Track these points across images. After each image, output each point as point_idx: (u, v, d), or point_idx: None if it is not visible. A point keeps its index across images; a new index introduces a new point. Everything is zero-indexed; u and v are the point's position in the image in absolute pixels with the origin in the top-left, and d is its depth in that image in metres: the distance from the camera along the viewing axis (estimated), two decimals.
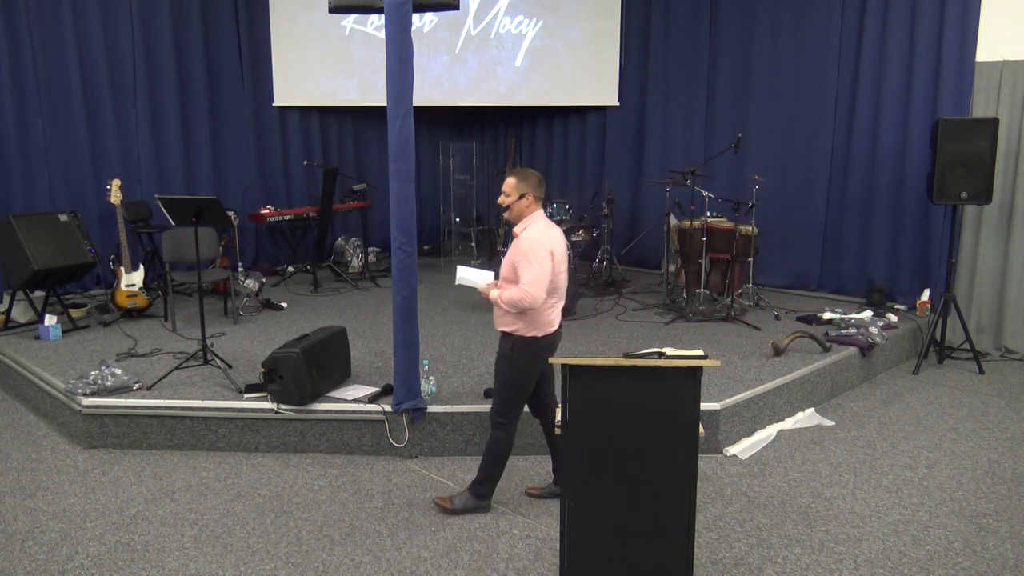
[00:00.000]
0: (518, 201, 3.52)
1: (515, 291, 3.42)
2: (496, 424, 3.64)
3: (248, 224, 8.34)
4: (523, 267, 3.41)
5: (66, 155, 7.25)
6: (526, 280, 3.39)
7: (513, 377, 3.58)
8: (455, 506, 3.73)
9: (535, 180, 3.55)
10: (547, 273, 3.41)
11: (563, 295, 3.66)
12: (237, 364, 5.15)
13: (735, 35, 7.72)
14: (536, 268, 3.38)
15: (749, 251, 6.68)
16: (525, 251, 3.41)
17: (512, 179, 3.54)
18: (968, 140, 5.69)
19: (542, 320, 3.52)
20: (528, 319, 3.49)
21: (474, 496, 3.73)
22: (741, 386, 4.75)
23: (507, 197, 3.54)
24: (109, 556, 3.38)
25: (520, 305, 3.41)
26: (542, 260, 3.40)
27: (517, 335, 3.52)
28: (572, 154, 9.39)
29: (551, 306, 3.56)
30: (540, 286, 3.39)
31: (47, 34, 7.05)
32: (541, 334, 3.53)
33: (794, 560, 3.35)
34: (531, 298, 3.38)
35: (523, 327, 3.51)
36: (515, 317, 3.51)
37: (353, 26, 8.67)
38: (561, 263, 3.55)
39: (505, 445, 3.66)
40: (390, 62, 4.00)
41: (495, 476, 3.73)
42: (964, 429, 4.83)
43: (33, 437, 4.70)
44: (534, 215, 3.55)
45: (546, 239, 3.46)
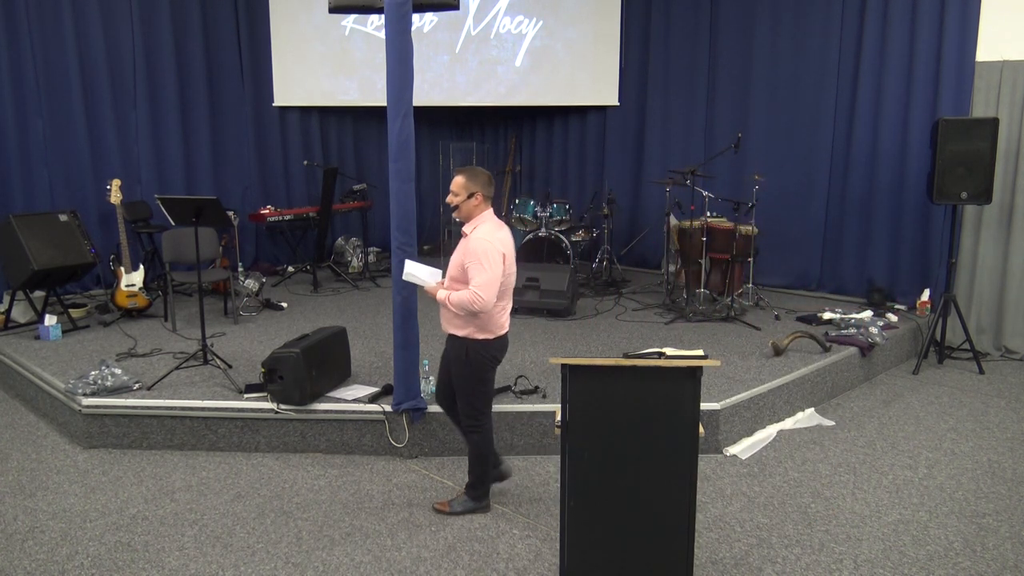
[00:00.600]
0: (467, 200, 3.48)
1: (465, 293, 3.37)
2: (470, 428, 3.62)
3: (248, 224, 8.34)
4: (474, 269, 3.36)
5: (66, 155, 7.25)
6: (477, 283, 3.34)
7: (475, 378, 3.55)
8: (454, 510, 3.73)
9: (484, 179, 3.51)
10: (499, 276, 3.38)
11: (511, 296, 3.65)
12: (237, 364, 5.15)
13: (735, 35, 7.73)
14: (488, 271, 3.34)
15: (749, 251, 6.68)
16: (477, 253, 3.36)
17: (461, 178, 3.49)
18: (968, 140, 5.69)
19: (493, 323, 3.50)
20: (480, 322, 3.46)
21: (471, 499, 3.74)
22: (741, 386, 4.75)
23: (456, 196, 3.49)
24: (109, 556, 3.38)
25: (470, 308, 3.37)
26: (494, 262, 3.36)
27: (470, 339, 3.49)
28: (572, 154, 9.39)
29: (501, 308, 3.53)
30: (492, 289, 3.35)
31: (47, 34, 7.05)
32: (493, 337, 3.52)
33: (794, 560, 3.35)
34: (482, 302, 3.34)
35: (475, 330, 3.47)
36: (466, 320, 3.47)
37: (353, 26, 8.67)
38: (511, 264, 3.53)
39: (486, 445, 3.65)
40: (390, 62, 4.00)
41: (486, 475, 3.72)
42: (964, 429, 4.83)
43: (33, 437, 4.70)
44: (483, 215, 3.51)
45: (498, 240, 3.42)
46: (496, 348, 3.56)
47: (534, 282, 6.55)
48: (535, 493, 3.97)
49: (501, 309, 3.54)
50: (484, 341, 3.50)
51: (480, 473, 3.70)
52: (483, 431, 3.63)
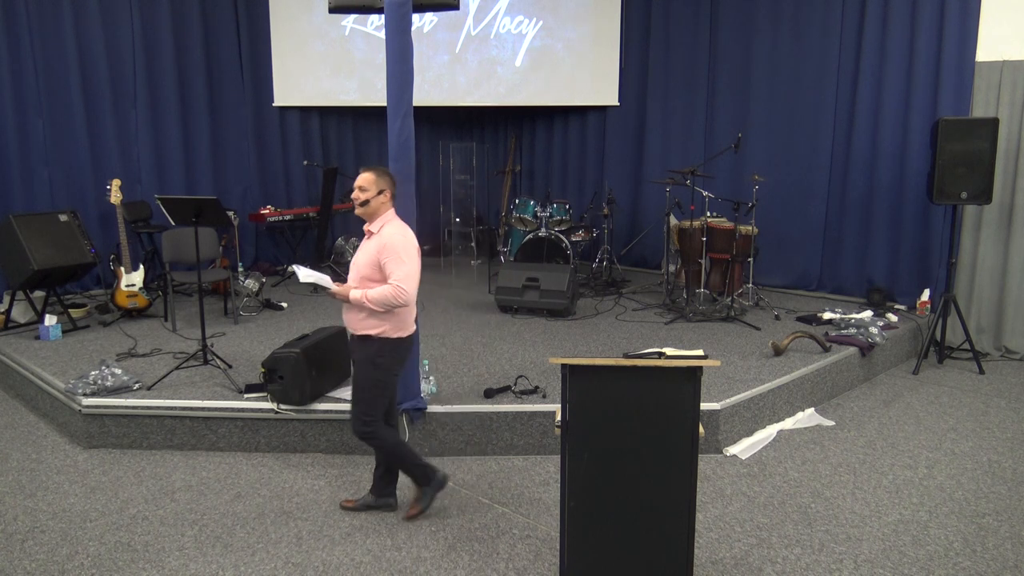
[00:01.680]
0: (376, 197, 3.47)
1: (387, 288, 3.35)
2: (367, 436, 3.55)
3: (248, 224, 8.34)
4: (393, 263, 3.35)
5: (66, 155, 7.25)
6: (399, 276, 3.34)
7: (380, 381, 3.51)
8: (424, 506, 3.68)
9: (391, 178, 3.53)
10: (417, 269, 3.41)
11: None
12: (237, 364, 5.15)
13: (735, 35, 7.72)
14: (408, 264, 3.36)
15: (749, 251, 6.68)
16: (396, 248, 3.37)
17: (371, 174, 3.48)
18: (968, 140, 5.69)
19: (406, 320, 3.50)
20: (397, 320, 3.45)
21: (426, 486, 3.67)
22: (741, 386, 4.76)
23: (364, 192, 3.46)
24: (109, 556, 3.38)
25: (392, 302, 3.35)
26: (412, 255, 3.39)
27: (383, 337, 3.45)
28: (572, 154, 9.39)
29: (412, 307, 3.53)
30: (413, 282, 3.38)
31: (47, 34, 7.05)
32: (406, 335, 3.51)
33: (794, 560, 3.35)
34: (405, 295, 3.35)
35: (390, 328, 3.45)
36: (381, 319, 3.43)
37: (353, 26, 8.67)
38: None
39: (394, 442, 3.61)
40: (390, 62, 4.00)
41: (417, 462, 3.66)
42: (964, 429, 4.83)
43: (33, 437, 4.70)
44: (389, 213, 3.52)
45: (411, 234, 3.45)
46: (405, 348, 3.56)
47: (534, 282, 6.55)
48: (535, 493, 3.97)
49: (411, 307, 3.53)
50: (398, 340, 3.48)
51: (409, 466, 3.64)
52: (380, 434, 3.56)
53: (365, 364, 3.51)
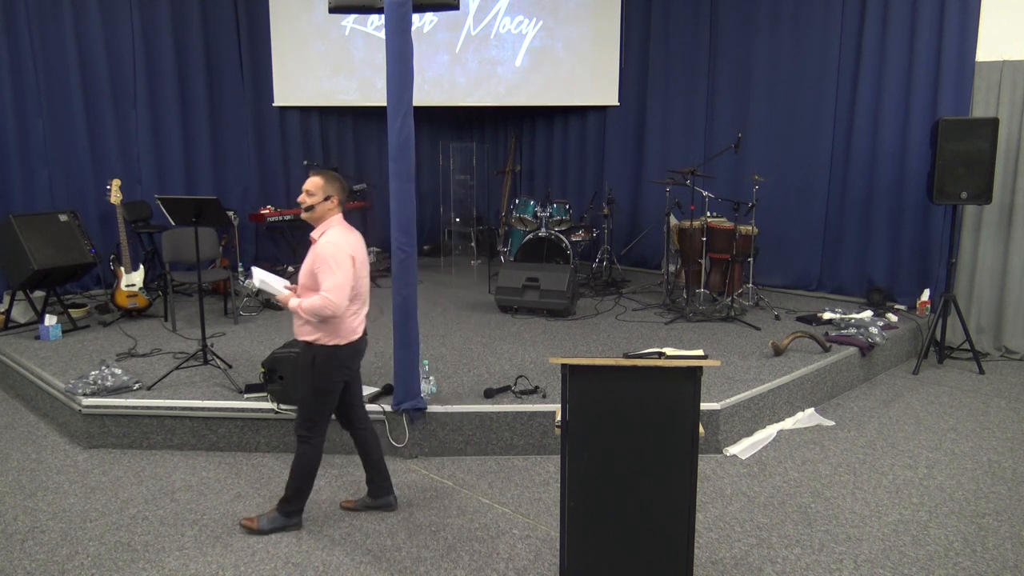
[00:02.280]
0: (323, 202, 3.41)
1: (316, 299, 3.31)
2: (302, 439, 3.50)
3: (248, 224, 8.34)
4: (324, 273, 3.31)
5: (66, 155, 7.25)
6: (327, 287, 3.29)
7: (316, 388, 3.46)
8: (263, 527, 3.55)
9: (340, 184, 3.46)
10: (349, 279, 3.33)
11: (367, 300, 3.58)
12: (237, 364, 5.15)
13: (735, 35, 7.72)
14: (337, 274, 3.30)
15: (749, 251, 6.68)
16: (326, 257, 3.31)
17: (319, 179, 3.41)
18: (968, 140, 5.69)
19: (345, 328, 3.43)
20: (330, 327, 3.40)
21: (282, 514, 3.58)
22: (741, 386, 4.75)
23: (311, 196, 3.40)
24: (109, 556, 3.38)
25: (322, 313, 3.32)
26: (343, 265, 3.32)
27: (318, 344, 3.41)
28: (572, 154, 9.39)
29: (354, 313, 3.46)
30: (342, 293, 3.31)
31: (47, 34, 7.05)
32: (344, 342, 3.43)
33: (794, 560, 3.35)
34: (333, 305, 3.30)
35: (324, 336, 3.40)
36: (315, 326, 3.40)
37: (353, 26, 8.67)
38: (363, 267, 3.49)
39: (312, 460, 3.53)
40: (390, 62, 4.00)
41: (303, 492, 3.58)
42: (964, 429, 4.83)
43: (33, 437, 4.70)
44: (334, 219, 3.45)
45: (347, 244, 3.37)
46: (347, 354, 3.47)
47: (534, 282, 6.55)
48: (535, 493, 3.97)
49: (353, 313, 3.46)
50: (334, 347, 3.41)
51: (299, 487, 3.55)
52: (315, 445, 3.51)
53: (304, 370, 3.47)
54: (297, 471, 3.54)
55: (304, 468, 3.53)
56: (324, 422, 3.54)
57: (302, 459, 3.52)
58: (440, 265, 9.03)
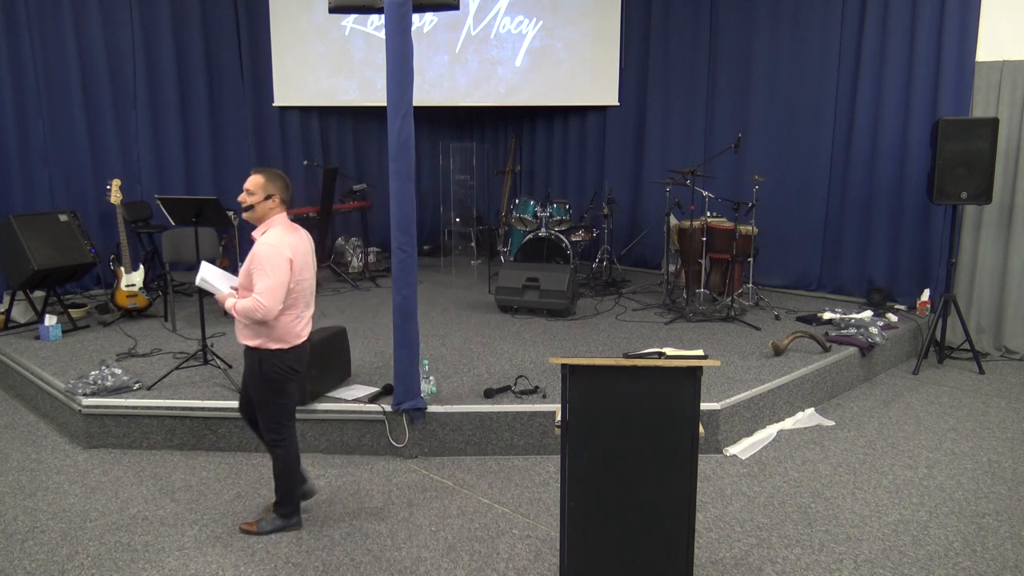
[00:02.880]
0: (264, 202, 3.36)
1: (248, 301, 3.27)
2: (273, 442, 3.49)
3: (248, 224, 8.32)
4: (257, 275, 3.26)
5: (66, 155, 7.26)
6: (259, 289, 3.24)
7: (271, 392, 3.42)
8: (263, 530, 3.55)
9: (283, 183, 3.40)
10: (282, 282, 3.27)
11: (311, 302, 3.52)
12: (237, 364, 5.14)
13: (735, 35, 7.72)
14: (270, 277, 3.24)
15: (749, 251, 6.68)
16: (260, 259, 3.26)
17: (260, 177, 3.35)
18: (968, 140, 5.69)
19: (288, 332, 3.38)
20: (274, 332, 3.34)
21: (281, 516, 3.57)
22: (741, 386, 4.75)
23: (251, 196, 3.35)
24: (109, 556, 3.38)
25: (252, 315, 3.26)
26: (277, 268, 3.25)
27: (263, 349, 3.36)
28: (572, 154, 9.39)
29: (296, 316, 3.41)
30: (274, 295, 3.24)
31: (47, 34, 7.06)
32: (288, 346, 3.39)
33: (794, 560, 3.35)
34: (264, 309, 3.23)
35: (268, 340, 3.35)
36: (256, 331, 3.35)
37: (353, 26, 8.67)
38: (304, 269, 3.41)
39: (289, 460, 3.52)
40: (390, 62, 4.00)
41: (293, 492, 3.58)
42: (964, 429, 4.83)
43: (33, 437, 4.70)
44: (276, 218, 3.39)
45: (286, 245, 3.30)
46: (292, 358, 3.42)
47: (534, 282, 6.55)
48: (535, 493, 3.97)
49: (295, 317, 3.40)
50: (278, 351, 3.36)
51: (287, 489, 3.54)
52: (287, 445, 3.50)
53: (251, 375, 3.44)
54: (280, 474, 3.53)
55: (285, 470, 3.53)
56: (291, 420, 3.53)
57: (280, 462, 3.52)
58: (440, 265, 9.03)
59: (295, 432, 3.57)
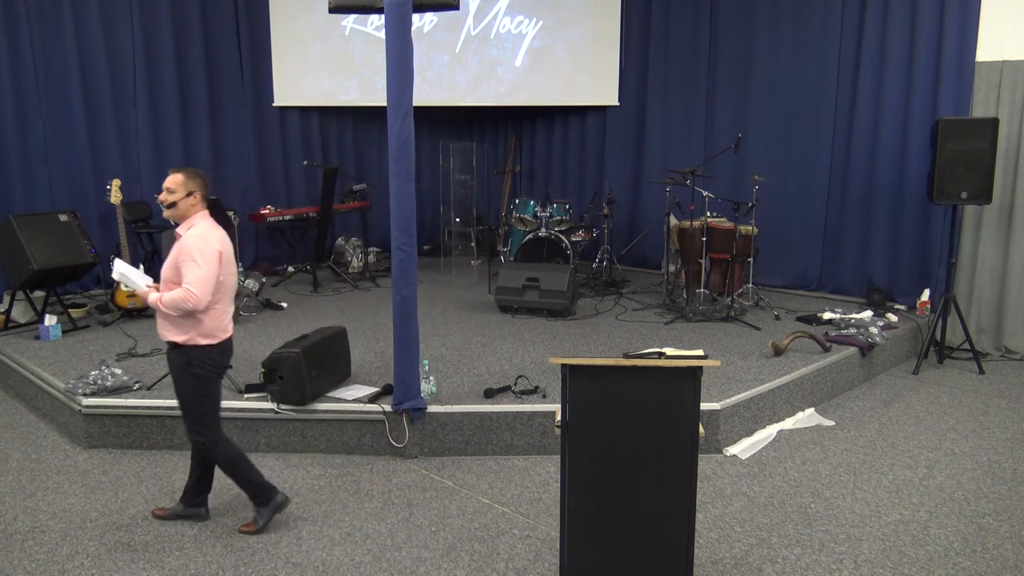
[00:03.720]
0: (185, 199, 3.38)
1: (178, 292, 3.28)
2: (203, 445, 3.47)
3: (248, 224, 8.34)
4: (188, 267, 3.28)
5: (66, 155, 7.25)
6: (190, 279, 3.26)
7: (198, 390, 3.42)
8: (260, 526, 3.56)
9: (202, 181, 3.44)
10: (213, 273, 3.30)
11: (232, 299, 3.55)
12: (237, 364, 5.14)
13: (735, 35, 7.72)
14: (202, 267, 3.27)
15: (749, 251, 6.68)
16: (191, 250, 3.28)
17: (180, 176, 3.39)
18: (968, 140, 5.69)
19: (215, 326, 3.40)
20: (203, 327, 3.36)
21: (265, 505, 3.57)
22: (741, 386, 4.75)
23: (172, 194, 3.38)
24: (109, 556, 3.38)
25: (183, 306, 3.27)
26: (208, 259, 3.29)
27: (190, 345, 3.36)
28: (572, 154, 9.39)
29: (224, 311, 3.44)
30: (205, 286, 3.27)
31: (47, 34, 7.05)
32: (216, 341, 3.41)
33: (794, 560, 3.35)
34: (195, 299, 3.25)
35: (197, 335, 3.36)
36: (186, 325, 3.35)
37: (353, 26, 8.67)
38: (229, 263, 3.46)
39: (232, 455, 3.50)
40: (390, 62, 4.00)
41: (257, 480, 3.56)
42: (964, 429, 4.83)
43: (33, 437, 4.70)
44: (199, 215, 3.42)
45: (214, 238, 3.35)
46: (220, 353, 3.45)
47: (534, 282, 6.55)
48: (535, 493, 3.97)
49: (222, 312, 3.44)
50: (207, 347, 3.38)
51: (248, 481, 3.54)
52: (219, 443, 3.49)
53: (181, 374, 3.42)
54: (233, 474, 3.51)
55: (235, 467, 3.52)
56: (215, 419, 3.52)
57: (226, 463, 3.50)
58: (440, 265, 9.03)
59: (221, 429, 3.54)
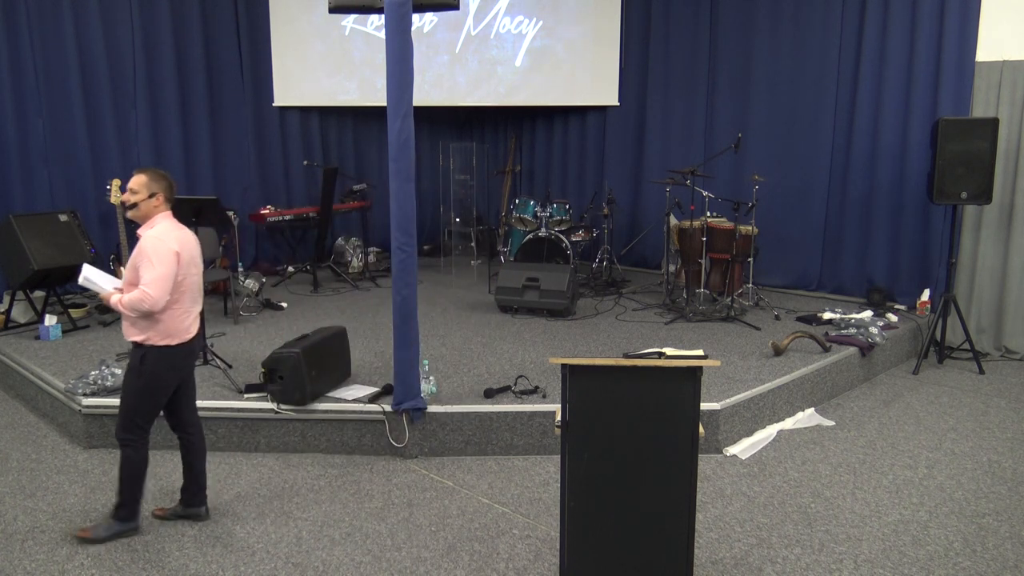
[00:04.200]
0: (147, 200, 3.37)
1: (135, 292, 3.28)
2: (124, 442, 3.42)
3: (248, 224, 8.34)
4: (144, 267, 3.28)
5: (66, 155, 7.25)
6: (146, 280, 3.26)
7: (143, 390, 3.40)
8: (99, 535, 3.46)
9: (167, 182, 3.43)
10: (169, 273, 3.29)
11: (198, 299, 3.52)
12: (237, 364, 5.15)
13: (735, 35, 7.72)
14: (157, 268, 3.26)
15: (749, 251, 6.68)
16: (147, 251, 3.28)
17: (143, 176, 3.38)
18: (968, 140, 5.69)
19: (176, 327, 3.39)
20: (161, 327, 3.35)
21: (118, 520, 3.50)
22: (741, 386, 4.75)
23: (135, 195, 3.37)
24: (109, 556, 3.38)
25: (140, 307, 3.27)
26: (164, 259, 3.28)
27: (149, 344, 3.36)
28: (572, 154, 9.39)
29: (185, 311, 3.42)
30: (161, 286, 3.26)
31: (47, 34, 7.05)
32: (176, 342, 3.39)
33: (794, 560, 3.35)
34: (151, 299, 3.25)
35: (155, 335, 3.35)
36: (145, 326, 3.35)
37: (353, 26, 8.67)
38: (191, 265, 3.43)
39: (138, 463, 3.46)
40: (390, 62, 4.00)
41: (136, 497, 3.50)
42: (964, 429, 4.83)
43: (33, 437, 4.70)
44: (161, 216, 3.41)
45: (172, 239, 3.34)
46: (179, 355, 3.43)
47: (534, 282, 6.55)
48: (535, 493, 3.97)
49: (184, 312, 3.42)
50: (165, 347, 3.37)
51: (129, 492, 3.47)
52: (139, 447, 3.44)
53: (131, 370, 3.42)
54: (125, 477, 3.46)
55: (131, 473, 3.46)
56: (148, 424, 3.47)
57: (127, 464, 3.44)
58: (440, 265, 9.03)
59: (148, 438, 3.50)
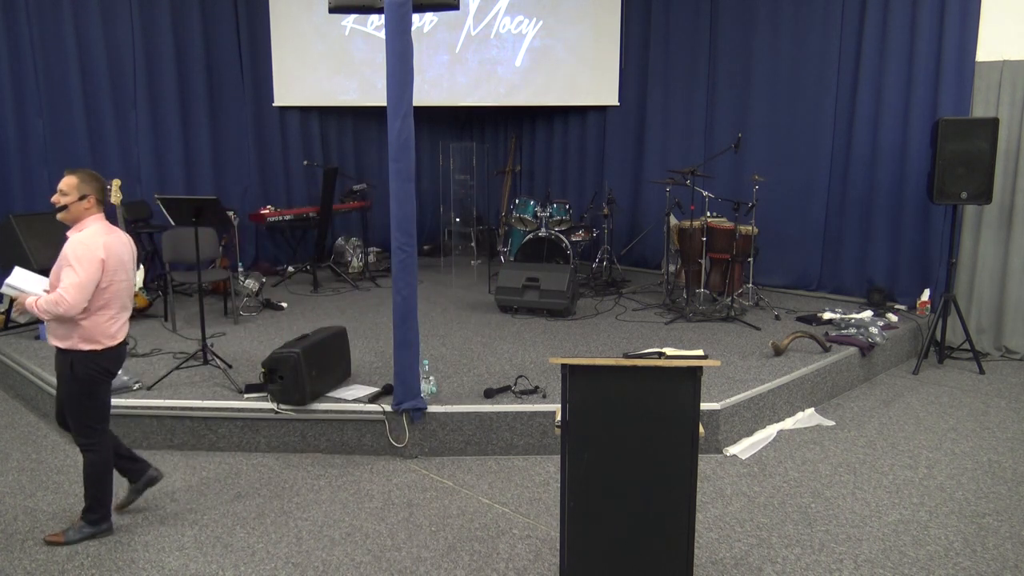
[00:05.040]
0: (78, 202, 3.30)
1: (51, 295, 3.25)
2: (84, 447, 3.43)
3: (248, 224, 8.34)
4: (65, 271, 3.23)
5: (66, 155, 7.25)
6: (64, 284, 3.21)
7: (81, 394, 3.38)
8: (70, 539, 3.46)
9: (98, 184, 3.37)
10: (89, 280, 3.23)
11: (127, 304, 3.47)
12: (237, 364, 5.15)
13: (735, 35, 7.72)
14: (78, 274, 3.21)
15: (749, 251, 6.68)
16: (68, 255, 3.24)
17: (73, 178, 3.31)
18: (968, 140, 5.69)
19: (100, 332, 3.35)
20: (85, 332, 3.30)
21: (89, 524, 3.49)
22: (741, 386, 4.75)
23: (65, 196, 3.30)
24: (109, 556, 3.38)
25: (55, 311, 3.22)
26: (86, 266, 3.22)
27: (75, 350, 3.32)
28: (572, 154, 9.39)
29: (111, 317, 3.37)
30: (79, 292, 3.21)
31: (47, 34, 7.05)
32: (101, 347, 3.35)
33: (794, 560, 3.35)
34: (66, 304, 3.20)
35: (79, 341, 3.31)
36: (66, 332, 3.31)
37: (353, 26, 8.67)
38: (119, 270, 3.36)
39: (102, 466, 3.47)
40: (390, 62, 4.00)
41: (104, 499, 3.50)
42: (964, 429, 4.83)
43: (33, 437, 4.70)
44: (92, 218, 3.35)
45: (99, 245, 3.27)
46: (107, 359, 3.39)
47: (534, 282, 6.55)
48: (535, 493, 3.97)
49: (110, 318, 3.37)
50: (91, 352, 3.33)
51: (96, 495, 3.47)
52: (99, 449, 3.44)
53: (63, 378, 3.40)
54: (90, 480, 3.46)
55: (96, 476, 3.46)
56: (103, 423, 3.47)
57: (92, 468, 3.45)
58: (440, 265, 9.03)
59: (107, 437, 3.51)
